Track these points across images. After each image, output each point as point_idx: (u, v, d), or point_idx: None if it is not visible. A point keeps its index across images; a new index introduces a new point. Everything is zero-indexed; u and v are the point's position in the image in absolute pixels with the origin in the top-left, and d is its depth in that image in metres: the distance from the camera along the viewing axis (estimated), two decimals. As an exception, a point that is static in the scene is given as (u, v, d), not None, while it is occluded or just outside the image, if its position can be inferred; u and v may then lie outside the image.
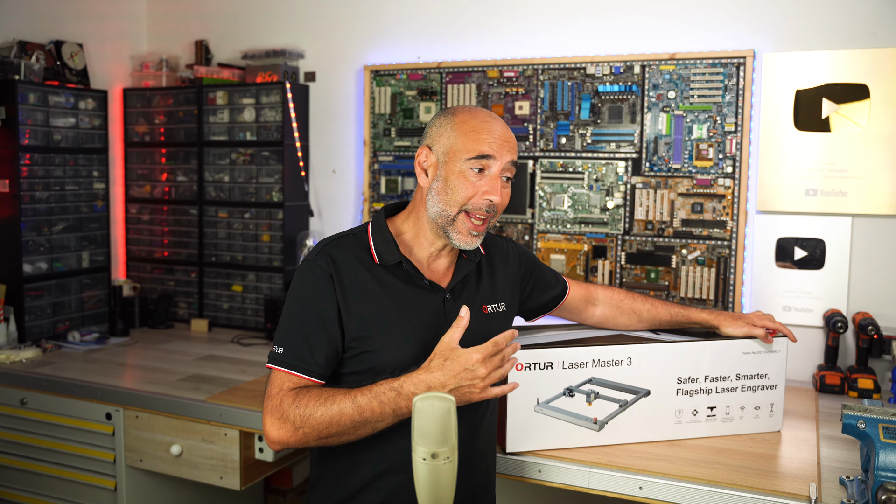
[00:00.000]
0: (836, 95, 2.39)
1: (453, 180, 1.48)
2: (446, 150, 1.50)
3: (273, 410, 1.42)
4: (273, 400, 1.42)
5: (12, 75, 2.76)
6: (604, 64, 2.64)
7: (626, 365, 1.78)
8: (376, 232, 1.54)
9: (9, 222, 2.79)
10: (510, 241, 1.80)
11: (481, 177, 1.48)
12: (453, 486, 1.16)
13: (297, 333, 1.45)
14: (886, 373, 2.33)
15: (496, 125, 1.50)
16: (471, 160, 1.47)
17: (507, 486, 2.67)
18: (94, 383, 2.37)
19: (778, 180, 2.47)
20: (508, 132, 1.52)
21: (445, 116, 1.53)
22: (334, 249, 1.50)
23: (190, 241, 3.24)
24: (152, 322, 3.17)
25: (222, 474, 2.21)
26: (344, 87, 3.10)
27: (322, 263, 1.48)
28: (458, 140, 1.48)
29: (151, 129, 3.28)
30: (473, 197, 1.47)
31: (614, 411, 1.78)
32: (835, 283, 2.44)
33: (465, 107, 1.55)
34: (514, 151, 1.51)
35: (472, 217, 1.49)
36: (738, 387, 1.86)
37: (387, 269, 1.51)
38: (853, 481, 1.61)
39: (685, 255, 2.59)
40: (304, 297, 1.48)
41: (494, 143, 1.47)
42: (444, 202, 1.49)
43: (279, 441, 1.42)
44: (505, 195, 1.51)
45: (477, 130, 1.48)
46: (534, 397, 1.73)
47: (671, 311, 1.93)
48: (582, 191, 2.70)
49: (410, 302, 1.51)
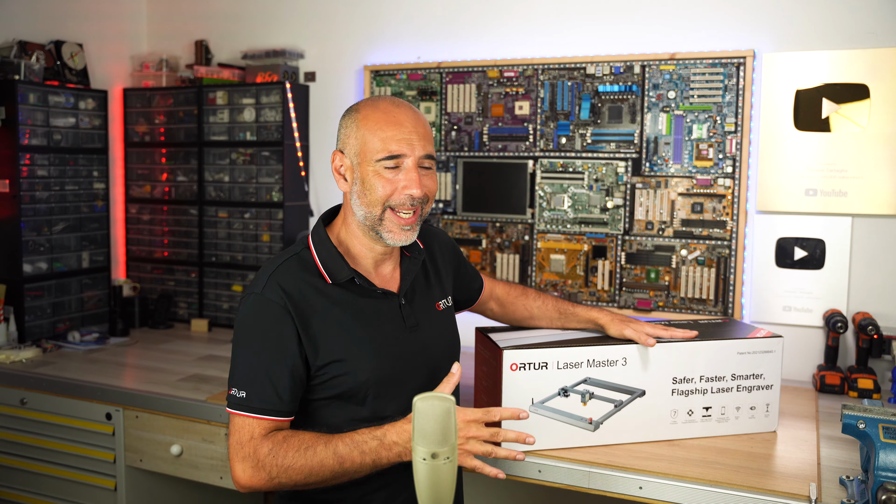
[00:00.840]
0: (836, 95, 2.39)
1: (369, 181, 1.43)
2: (356, 152, 1.45)
3: (246, 458, 1.36)
4: (245, 448, 1.36)
5: (12, 75, 2.76)
6: (604, 64, 2.64)
7: (621, 365, 1.77)
8: (319, 247, 1.48)
9: (9, 222, 2.79)
10: (441, 230, 1.78)
11: (397, 172, 1.43)
12: (453, 486, 1.16)
13: (258, 374, 1.39)
14: (886, 373, 2.33)
15: (402, 116, 1.44)
16: (381, 161, 1.42)
17: (506, 486, 2.67)
18: (94, 383, 2.37)
19: (778, 180, 2.47)
20: (419, 123, 1.45)
21: (349, 115, 1.48)
22: (282, 277, 1.42)
23: (190, 241, 3.24)
24: (152, 322, 3.17)
25: (222, 474, 2.21)
26: (344, 87, 3.10)
27: (273, 296, 1.40)
28: (364, 140, 1.43)
29: (151, 129, 3.28)
30: (393, 194, 1.42)
31: (609, 411, 1.78)
32: (835, 283, 2.44)
33: (368, 100, 1.48)
34: (426, 143, 1.45)
35: (398, 212, 1.44)
36: (734, 387, 1.85)
37: (340, 287, 1.46)
38: (853, 481, 1.61)
39: (685, 255, 2.59)
40: (258, 333, 1.40)
41: (402, 140, 1.42)
42: (365, 204, 1.44)
43: (249, 487, 1.37)
44: (428, 182, 1.46)
45: (381, 126, 1.42)
46: (528, 397, 1.72)
47: (560, 308, 1.88)
48: (582, 191, 2.70)
49: (370, 316, 1.47)
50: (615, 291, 2.68)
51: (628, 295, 2.66)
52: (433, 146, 1.49)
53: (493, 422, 1.42)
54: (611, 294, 2.68)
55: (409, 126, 1.44)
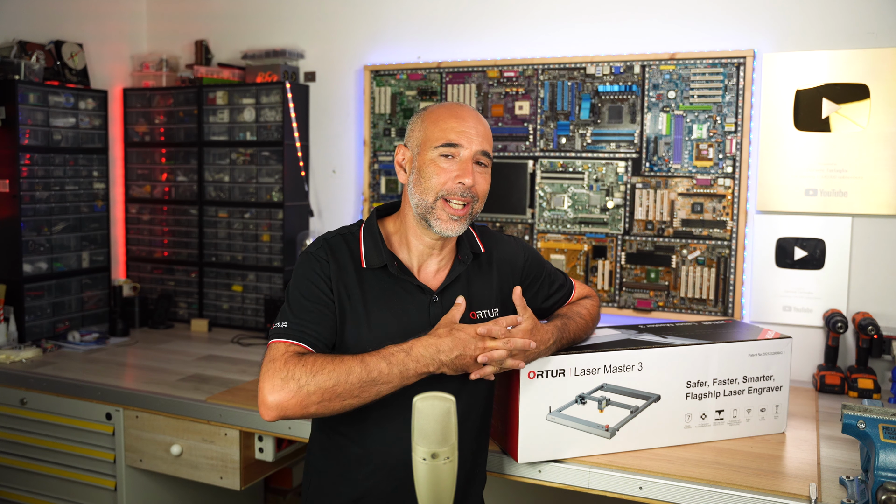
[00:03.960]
0: (836, 95, 2.39)
1: (425, 169, 1.51)
2: (418, 143, 1.54)
3: (276, 372, 1.37)
4: (276, 363, 1.39)
5: (12, 75, 2.76)
6: (604, 64, 2.64)
7: (636, 370, 1.76)
8: (367, 232, 1.57)
9: (9, 222, 2.79)
10: (518, 241, 1.77)
11: (452, 162, 1.50)
12: (453, 486, 1.16)
13: (301, 311, 1.48)
14: (886, 373, 2.33)
15: (465, 114, 1.53)
16: (439, 148, 1.49)
17: (506, 485, 2.67)
18: (94, 383, 2.37)
19: (778, 180, 2.47)
20: (479, 122, 1.54)
21: (418, 114, 1.58)
22: (332, 244, 1.54)
23: (190, 241, 3.24)
24: (152, 322, 3.17)
25: (222, 474, 2.21)
26: (344, 87, 3.10)
27: (321, 254, 1.52)
28: (426, 132, 1.52)
29: (151, 129, 3.28)
30: (447, 182, 1.49)
31: (625, 417, 1.76)
32: (835, 283, 2.44)
33: (439, 103, 1.58)
34: (484, 141, 1.52)
35: (451, 202, 1.50)
36: (745, 389, 1.85)
37: (373, 272, 1.53)
38: (853, 481, 1.61)
39: (685, 255, 2.59)
40: (304, 281, 1.51)
41: (462, 132, 1.50)
42: (420, 192, 1.51)
43: (277, 404, 1.35)
44: (481, 180, 1.53)
45: (444, 120, 1.51)
46: (546, 405, 1.70)
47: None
48: (582, 191, 2.70)
49: (395, 304, 1.53)
50: (615, 291, 2.68)
51: (628, 295, 2.66)
52: (491, 147, 1.56)
53: None
54: (611, 294, 2.68)
55: (471, 122, 1.52)
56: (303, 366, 1.37)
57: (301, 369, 1.36)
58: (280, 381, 1.36)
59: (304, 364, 1.37)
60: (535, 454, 1.72)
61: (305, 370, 1.36)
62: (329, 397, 1.36)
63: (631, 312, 2.66)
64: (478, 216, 1.59)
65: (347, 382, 1.36)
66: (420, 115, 1.57)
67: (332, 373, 1.36)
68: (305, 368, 1.36)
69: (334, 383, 1.36)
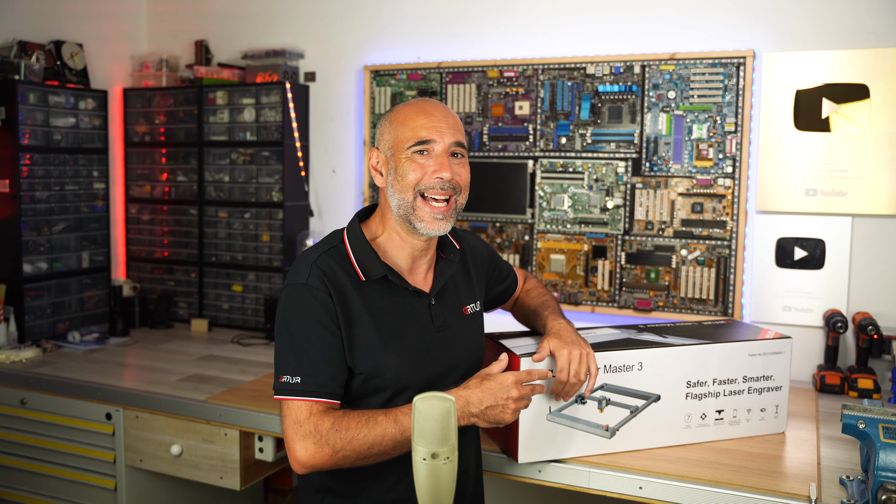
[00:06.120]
0: (836, 95, 2.39)
1: (401, 168, 1.47)
2: (390, 145, 1.50)
3: (308, 435, 1.36)
4: (305, 426, 1.37)
5: (12, 75, 2.76)
6: (604, 64, 2.64)
7: (637, 370, 1.76)
8: (354, 243, 1.50)
9: (9, 222, 2.79)
10: (474, 235, 1.79)
11: (427, 157, 1.47)
12: (453, 486, 1.16)
13: (312, 359, 1.41)
14: (886, 373, 2.33)
15: (433, 110, 1.50)
16: (412, 147, 1.46)
17: (507, 485, 2.67)
18: (94, 383, 2.37)
19: (778, 180, 2.47)
20: (448, 115, 1.51)
21: (385, 115, 1.55)
22: (325, 268, 1.45)
23: (190, 241, 3.24)
24: (152, 322, 3.17)
25: (222, 474, 2.21)
26: (344, 87, 3.10)
27: (318, 284, 1.43)
28: (396, 133, 1.49)
29: (151, 129, 3.28)
30: (423, 177, 1.46)
31: (625, 417, 1.76)
32: (835, 283, 2.44)
33: (404, 102, 1.55)
34: (456, 132, 1.49)
35: (431, 199, 1.47)
36: (745, 389, 1.85)
37: (372, 284, 1.48)
38: (853, 481, 1.61)
39: (685, 255, 2.59)
40: (308, 321, 1.42)
41: (432, 127, 1.47)
42: (398, 191, 1.47)
43: (311, 465, 1.37)
44: (460, 170, 1.50)
45: (413, 118, 1.48)
46: (546, 405, 1.70)
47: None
48: (582, 191, 2.70)
49: (401, 314, 1.50)
50: (615, 291, 2.68)
51: (628, 295, 2.66)
52: (464, 136, 1.53)
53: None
54: (611, 294, 2.68)
55: (439, 116, 1.49)
56: (336, 430, 1.37)
57: (335, 434, 1.36)
58: (313, 444, 1.36)
59: (336, 427, 1.37)
60: (535, 454, 1.72)
61: (340, 435, 1.36)
62: (364, 457, 1.39)
63: (631, 312, 2.66)
64: (462, 209, 1.55)
65: (382, 445, 1.38)
66: (388, 117, 1.53)
67: (367, 437, 1.37)
68: (340, 433, 1.36)
69: (369, 446, 1.37)
